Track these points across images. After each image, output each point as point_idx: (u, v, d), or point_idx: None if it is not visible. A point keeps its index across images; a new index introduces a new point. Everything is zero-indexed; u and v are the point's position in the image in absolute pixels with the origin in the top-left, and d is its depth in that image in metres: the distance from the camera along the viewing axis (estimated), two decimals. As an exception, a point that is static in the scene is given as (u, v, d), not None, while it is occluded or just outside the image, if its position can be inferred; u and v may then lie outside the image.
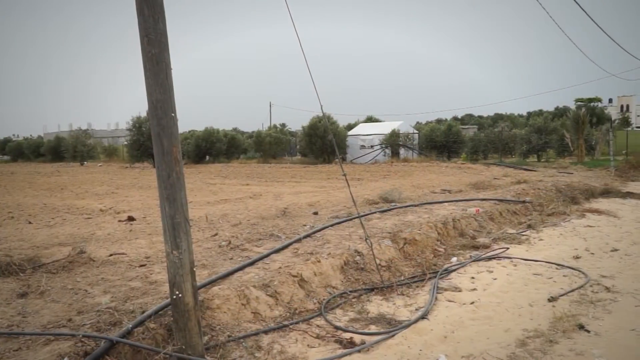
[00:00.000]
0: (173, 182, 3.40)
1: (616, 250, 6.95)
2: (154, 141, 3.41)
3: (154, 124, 3.39)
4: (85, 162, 36.78)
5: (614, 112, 70.65)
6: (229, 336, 3.92)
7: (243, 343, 3.87)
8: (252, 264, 5.34)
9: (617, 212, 10.10)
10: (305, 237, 6.62)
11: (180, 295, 3.42)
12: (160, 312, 3.88)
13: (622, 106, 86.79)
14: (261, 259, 5.52)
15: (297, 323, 4.33)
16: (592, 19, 17.54)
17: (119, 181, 20.24)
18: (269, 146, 34.84)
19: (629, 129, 51.72)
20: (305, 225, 7.60)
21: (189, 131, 39.65)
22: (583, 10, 15.74)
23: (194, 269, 3.53)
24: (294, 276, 5.01)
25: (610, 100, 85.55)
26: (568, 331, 4.11)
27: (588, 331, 4.11)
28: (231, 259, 5.67)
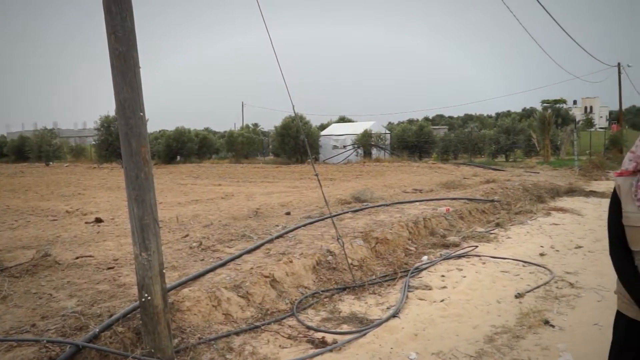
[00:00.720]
0: (141, 182, 3.34)
1: (580, 247, 7.17)
2: (121, 141, 3.34)
3: (122, 123, 3.33)
4: (51, 163, 35.74)
5: (578, 114, 72.77)
6: (199, 338, 3.87)
7: (214, 345, 3.83)
8: (223, 265, 5.29)
9: (581, 210, 10.43)
10: (277, 237, 6.60)
11: (149, 297, 3.36)
12: (129, 316, 3.80)
13: (586, 107, 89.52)
14: (233, 259, 5.48)
15: (269, 324, 4.32)
16: (557, 23, 18.00)
17: (86, 182, 19.75)
18: (242, 146, 34.60)
19: (592, 129, 53.38)
20: (277, 226, 7.58)
21: (160, 131, 38.95)
22: (550, 15, 16.11)
23: (164, 271, 3.48)
24: (266, 277, 4.99)
25: (575, 102, 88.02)
26: (534, 326, 4.22)
27: (553, 326, 4.23)
28: (202, 260, 5.61)
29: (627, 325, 2.13)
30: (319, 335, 4.14)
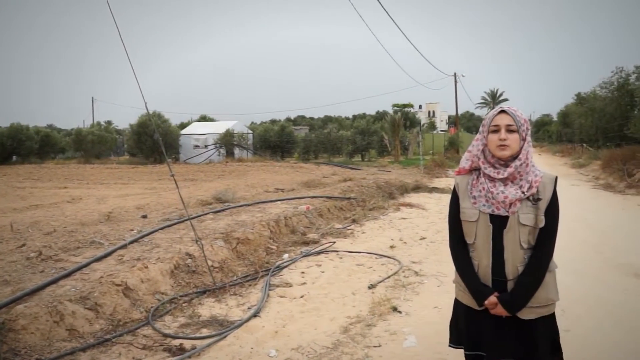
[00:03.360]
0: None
1: (424, 238, 7.92)
2: None
3: None
4: None
5: (423, 117, 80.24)
6: (37, 359, 3.47)
7: (56, 365, 3.47)
8: (68, 275, 4.81)
9: (425, 205, 11.52)
10: (131, 242, 6.20)
11: (-29, 319, 2.92)
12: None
13: (429, 112, 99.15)
14: (79, 269, 5.01)
15: (121, 335, 4.03)
16: (404, 35, 19.69)
17: None
18: (92, 145, 31.90)
19: (435, 132, 59.33)
20: (132, 230, 7.12)
21: (-10, 127, 34.17)
22: (398, 27, 17.52)
23: (-10, 287, 3.05)
24: (118, 285, 4.66)
25: (420, 107, 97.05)
26: (384, 314, 4.55)
27: (400, 312, 4.61)
28: (42, 271, 5.03)
29: (463, 312, 2.35)
30: (177, 342, 3.99)
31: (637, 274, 5.67)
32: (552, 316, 2.27)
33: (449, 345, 2.47)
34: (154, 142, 27.68)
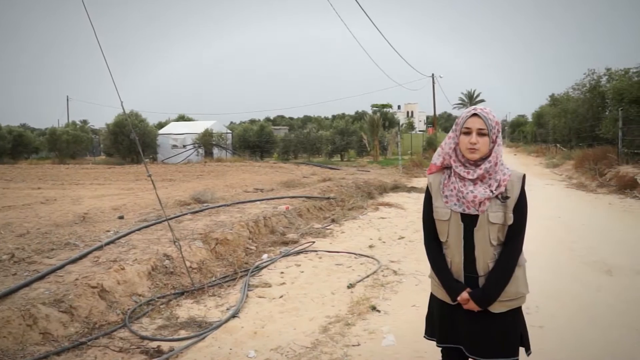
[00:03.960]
0: None
1: (402, 237, 7.99)
2: None
3: None
4: None
5: (401, 117, 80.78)
6: (10, 364, 3.40)
7: (29, 369, 3.40)
8: (41, 278, 4.72)
9: (404, 204, 11.61)
10: (108, 243, 6.10)
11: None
12: None
13: (408, 112, 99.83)
14: (53, 271, 4.92)
15: (96, 338, 3.97)
16: (383, 36, 19.81)
17: None
18: (67, 145, 31.28)
19: (413, 132, 59.82)
20: (108, 231, 7.01)
21: (-41, 127, 33.21)
22: (378, 29, 17.71)
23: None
24: (94, 287, 4.58)
25: (399, 107, 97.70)
26: (363, 313, 4.58)
27: (379, 311, 4.64)
28: (14, 274, 4.91)
29: (438, 305, 2.43)
30: (154, 344, 3.94)
31: (609, 271, 5.82)
32: (520, 308, 2.34)
33: (424, 336, 2.55)
34: (131, 142, 27.30)
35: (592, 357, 3.62)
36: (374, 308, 4.70)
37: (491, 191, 2.18)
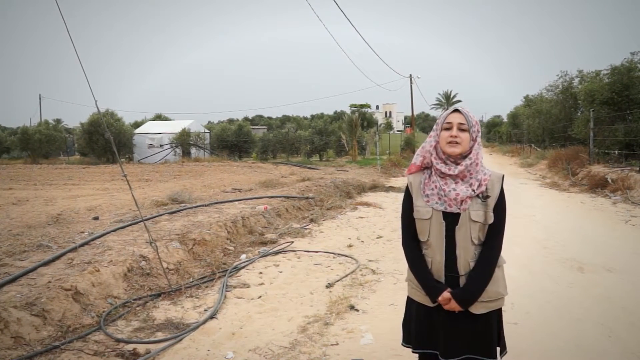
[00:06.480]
0: None
1: (380, 237, 8.03)
2: None
3: None
4: None
5: (380, 117, 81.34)
6: (-20, 370, 3.30)
7: (0, 375, 3.31)
8: (13, 280, 4.60)
9: (382, 203, 11.68)
10: (82, 245, 5.98)
11: None
12: None
13: (386, 112, 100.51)
14: (25, 274, 4.80)
15: (70, 342, 3.89)
16: (362, 37, 19.86)
17: None
18: (39, 144, 30.56)
19: (391, 132, 60.26)
20: (83, 233, 6.87)
21: None
22: (356, 30, 17.83)
23: None
24: (67, 290, 4.49)
25: (377, 107, 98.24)
26: (341, 312, 4.59)
27: (357, 310, 4.66)
28: (-16, 277, 4.78)
29: (415, 309, 2.40)
30: (130, 347, 3.88)
31: (580, 268, 5.96)
32: (500, 310, 2.36)
33: (402, 344, 2.52)
34: (106, 142, 26.83)
35: (561, 351, 3.71)
36: (352, 307, 4.71)
37: (473, 190, 2.20)
